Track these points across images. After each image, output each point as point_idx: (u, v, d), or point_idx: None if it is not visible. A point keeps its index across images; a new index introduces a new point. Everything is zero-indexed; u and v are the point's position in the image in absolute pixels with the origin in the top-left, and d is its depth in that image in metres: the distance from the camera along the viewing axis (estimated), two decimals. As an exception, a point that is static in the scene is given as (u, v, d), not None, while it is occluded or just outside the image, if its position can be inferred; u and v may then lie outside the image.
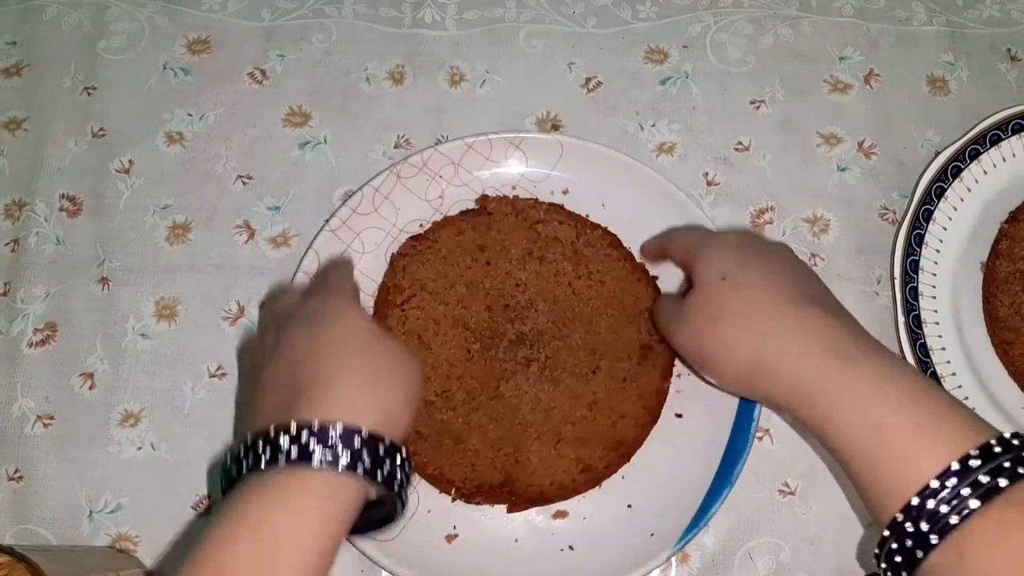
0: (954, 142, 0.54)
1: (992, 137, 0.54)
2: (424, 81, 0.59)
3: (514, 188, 0.54)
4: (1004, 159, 0.54)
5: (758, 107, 0.58)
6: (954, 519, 0.32)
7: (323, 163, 0.56)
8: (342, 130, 0.57)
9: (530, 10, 0.61)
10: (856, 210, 0.56)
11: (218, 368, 0.52)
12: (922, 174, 0.54)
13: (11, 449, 0.50)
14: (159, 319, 0.53)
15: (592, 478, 0.48)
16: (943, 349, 0.51)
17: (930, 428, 0.35)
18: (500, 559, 0.47)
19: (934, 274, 0.52)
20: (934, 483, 0.33)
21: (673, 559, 0.48)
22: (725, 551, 0.49)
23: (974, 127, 0.54)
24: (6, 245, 0.54)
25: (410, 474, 0.38)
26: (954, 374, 0.51)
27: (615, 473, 0.48)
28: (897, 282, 0.52)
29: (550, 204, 0.53)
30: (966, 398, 0.50)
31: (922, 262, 0.52)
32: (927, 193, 0.53)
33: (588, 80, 0.59)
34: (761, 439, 0.50)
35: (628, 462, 0.48)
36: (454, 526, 0.48)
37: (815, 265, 0.54)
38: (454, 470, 0.47)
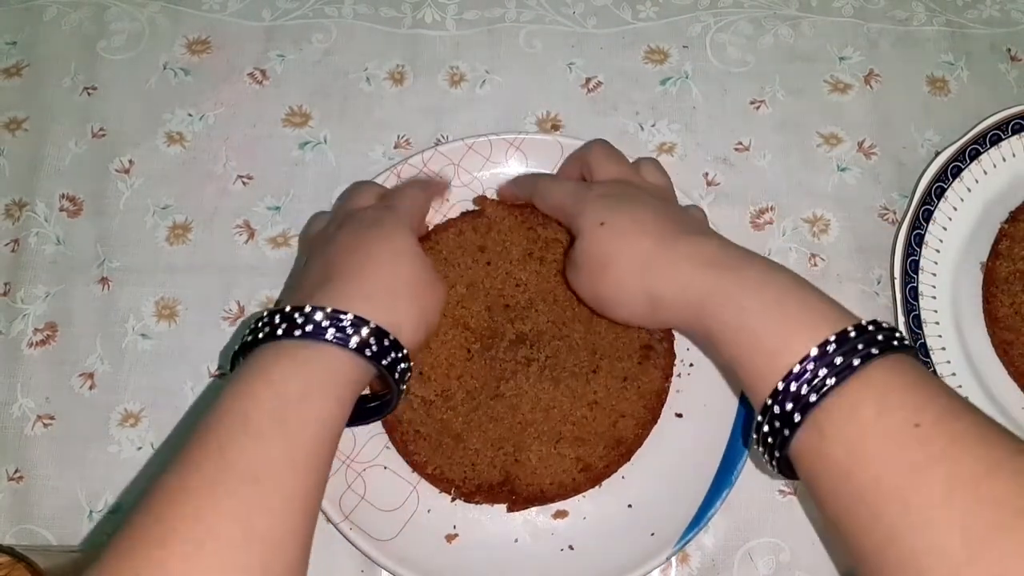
0: (954, 142, 0.54)
1: (992, 137, 0.54)
2: (424, 81, 0.59)
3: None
4: (1004, 159, 0.54)
5: (758, 107, 0.58)
6: (813, 397, 0.35)
7: (323, 163, 0.56)
8: (342, 130, 0.57)
9: (530, 10, 0.61)
10: (856, 210, 0.56)
11: (218, 368, 0.52)
12: (922, 174, 0.54)
13: (11, 449, 0.50)
14: (159, 319, 0.53)
15: (592, 478, 0.48)
16: (943, 349, 0.51)
17: (796, 320, 0.38)
18: (500, 559, 0.47)
19: (934, 274, 0.52)
20: (796, 367, 0.36)
21: (673, 559, 0.48)
22: (725, 551, 0.49)
23: (974, 127, 0.54)
24: (6, 245, 0.55)
25: (408, 371, 0.42)
26: (954, 374, 0.51)
27: (615, 473, 0.48)
28: (897, 282, 0.52)
29: None
30: (966, 398, 0.50)
31: (922, 262, 0.52)
32: (927, 193, 0.53)
33: (588, 80, 0.59)
34: (761, 439, 0.50)
35: (628, 462, 0.48)
36: (454, 526, 0.48)
37: (815, 265, 0.54)
38: (454, 469, 0.47)
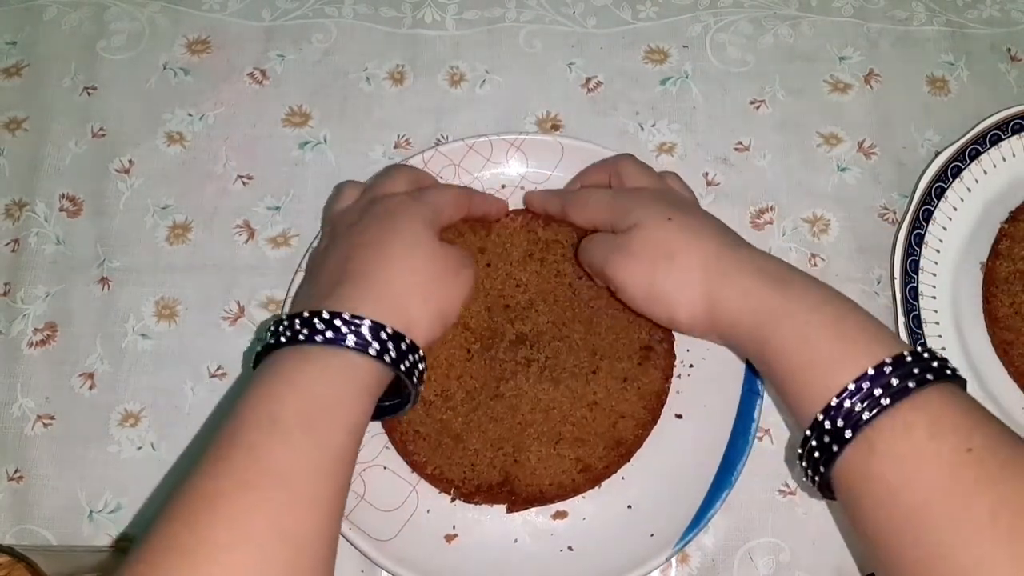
0: (954, 142, 0.54)
1: (992, 137, 0.54)
2: (424, 81, 0.59)
3: (521, 188, 0.54)
4: (1004, 159, 0.54)
5: (758, 107, 0.58)
6: (866, 415, 0.36)
7: (323, 163, 0.56)
8: (342, 130, 0.57)
9: (530, 10, 0.61)
10: (856, 210, 0.56)
11: (218, 368, 0.52)
12: (922, 174, 0.54)
13: (11, 449, 0.50)
14: (159, 319, 0.53)
15: (592, 478, 0.48)
16: (943, 349, 0.51)
17: (854, 340, 0.39)
18: (499, 559, 0.47)
19: (934, 274, 0.52)
20: (851, 385, 0.37)
21: (673, 559, 0.48)
22: (725, 551, 0.49)
23: (974, 127, 0.54)
24: (6, 245, 0.55)
25: (424, 372, 0.43)
26: (954, 374, 0.51)
27: (615, 473, 0.48)
28: (897, 282, 0.52)
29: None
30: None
31: (922, 262, 0.52)
32: (927, 193, 0.53)
33: (588, 80, 0.59)
34: (761, 439, 0.50)
35: (628, 462, 0.48)
36: (453, 526, 0.48)
37: (815, 265, 0.54)
38: (453, 470, 0.47)
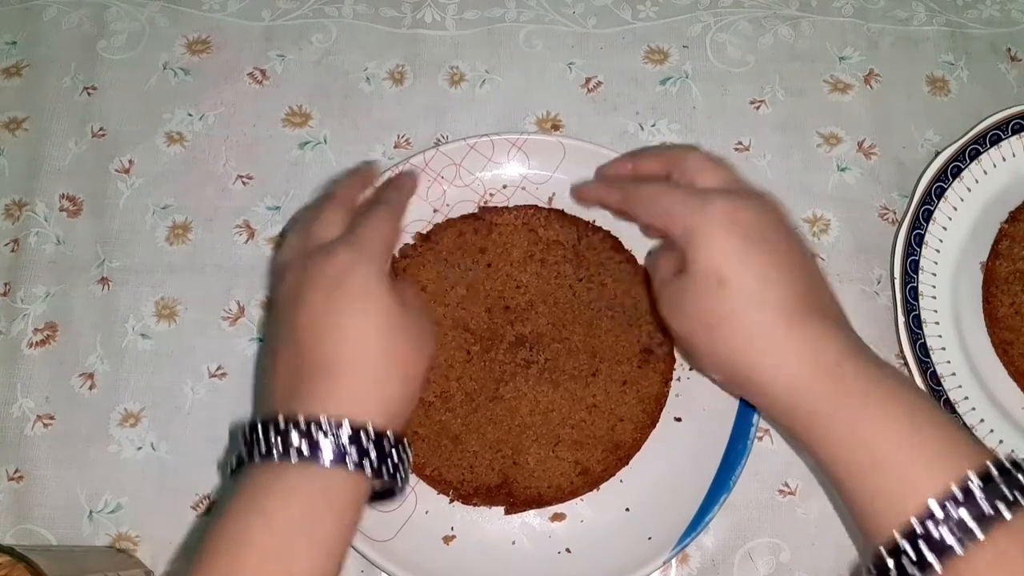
0: (954, 142, 0.54)
1: (992, 137, 0.54)
2: (424, 81, 0.59)
3: (522, 188, 0.54)
4: (1004, 159, 0.54)
5: (758, 107, 0.58)
6: (957, 547, 0.32)
7: (323, 163, 0.56)
8: (342, 130, 0.57)
9: (530, 10, 0.61)
10: (856, 210, 0.56)
11: (218, 368, 0.52)
12: (922, 174, 0.54)
13: (11, 449, 0.50)
14: (159, 319, 0.53)
15: (590, 481, 0.48)
16: (943, 349, 0.51)
17: (931, 449, 0.35)
18: (498, 561, 0.47)
19: (934, 274, 0.52)
20: (935, 507, 0.33)
21: (673, 559, 0.48)
22: (725, 551, 0.49)
23: (974, 127, 0.54)
24: (6, 245, 0.54)
25: (410, 458, 0.39)
26: (954, 374, 0.51)
27: (613, 476, 0.48)
28: (897, 282, 0.52)
29: (551, 210, 0.53)
30: (966, 398, 0.50)
31: (922, 262, 0.52)
32: (927, 193, 0.53)
33: (588, 80, 0.59)
34: (761, 439, 0.50)
35: (626, 465, 0.48)
36: (452, 527, 0.48)
37: (815, 265, 0.54)
38: (452, 471, 0.47)
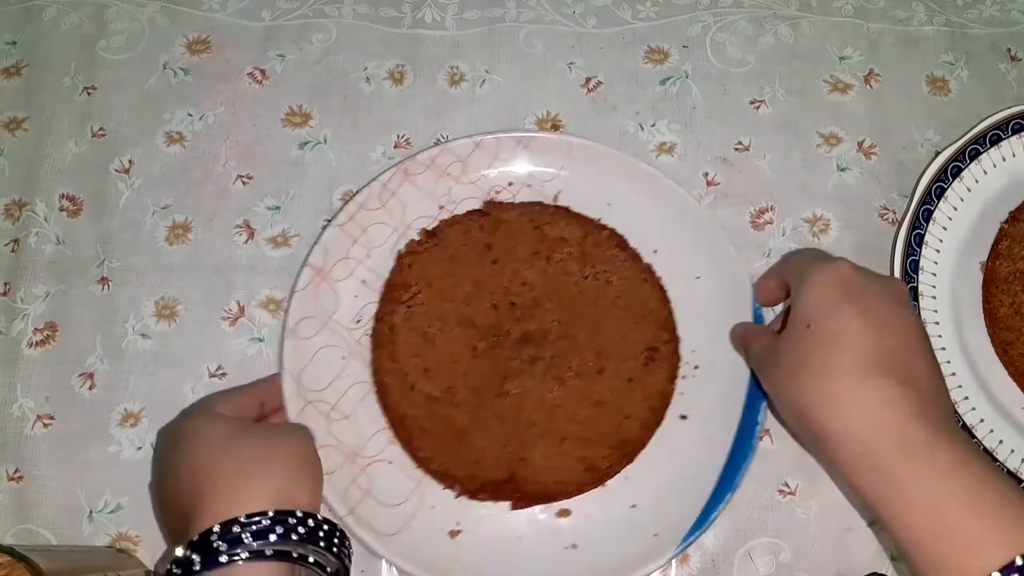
0: (954, 142, 0.54)
1: (992, 137, 0.54)
2: (424, 81, 0.59)
3: (528, 186, 0.54)
4: (1004, 159, 0.54)
5: (758, 107, 0.58)
6: None
7: (323, 163, 0.56)
8: (342, 130, 0.57)
9: (530, 10, 0.61)
10: (856, 210, 0.56)
11: (218, 368, 0.52)
12: (922, 174, 0.54)
13: (11, 449, 0.50)
14: (159, 319, 0.53)
15: (596, 477, 0.48)
16: (943, 349, 0.51)
17: (994, 516, 0.35)
18: (503, 556, 0.47)
19: (934, 274, 0.52)
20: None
21: (673, 559, 0.48)
22: (725, 551, 0.49)
23: (974, 127, 0.54)
24: (6, 245, 0.54)
25: (334, 530, 0.40)
26: (954, 374, 0.51)
27: (619, 473, 0.48)
28: (897, 282, 0.52)
29: (556, 207, 0.53)
30: (966, 398, 0.50)
31: (922, 262, 0.52)
32: (927, 193, 0.53)
33: (588, 80, 0.59)
34: (761, 439, 0.50)
35: (632, 462, 0.48)
36: (457, 522, 0.48)
37: (815, 265, 0.54)
38: (458, 466, 0.48)
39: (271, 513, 0.38)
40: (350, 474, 0.47)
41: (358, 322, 0.51)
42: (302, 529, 0.38)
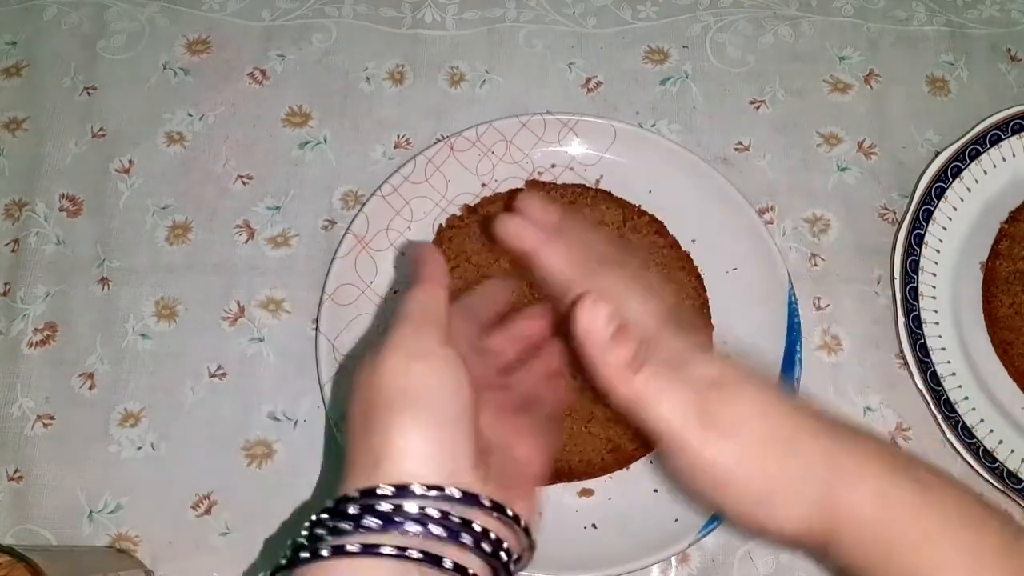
0: (954, 142, 0.54)
1: (992, 137, 0.54)
2: (424, 81, 0.59)
3: (570, 168, 0.54)
4: (1004, 159, 0.54)
5: (758, 107, 0.58)
6: None
7: (323, 163, 0.56)
8: (342, 130, 0.57)
9: (530, 10, 0.61)
10: (856, 210, 0.56)
11: (218, 368, 0.52)
12: (922, 174, 0.54)
13: (11, 449, 0.50)
14: (159, 319, 0.53)
15: (621, 459, 0.48)
16: (943, 349, 0.51)
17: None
18: None
19: (934, 274, 0.52)
20: None
21: (673, 559, 0.48)
22: (725, 551, 0.49)
23: (974, 127, 0.54)
24: (6, 245, 0.54)
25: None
26: (954, 374, 0.51)
27: (644, 457, 0.49)
28: (897, 282, 0.52)
29: (598, 190, 0.54)
30: (966, 398, 0.50)
31: (922, 262, 0.52)
32: (927, 193, 0.53)
33: (588, 80, 0.59)
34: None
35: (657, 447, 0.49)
36: None
37: (815, 265, 0.54)
38: None
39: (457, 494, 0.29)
40: None
41: (395, 292, 0.52)
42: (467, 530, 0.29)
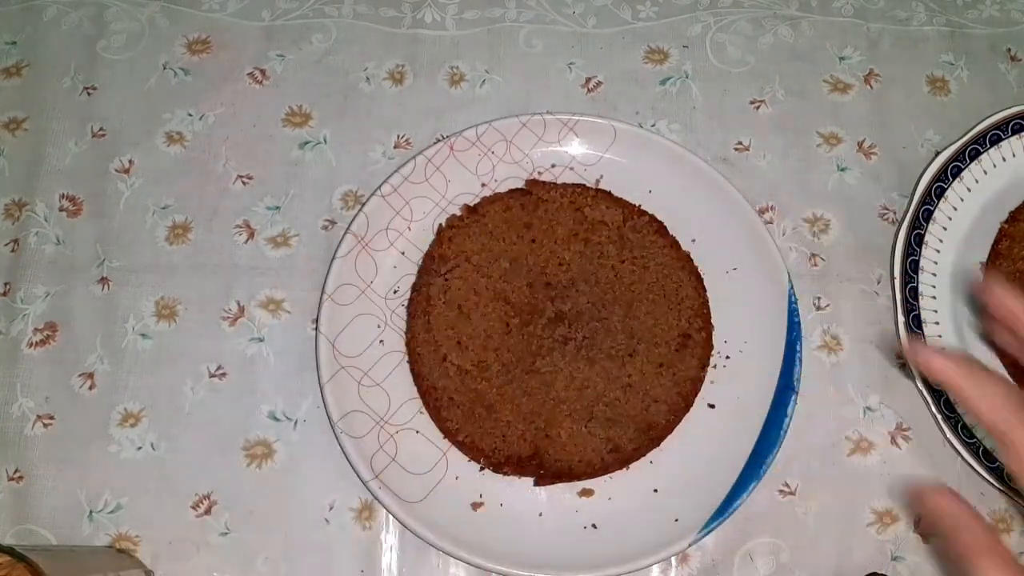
0: (954, 142, 0.54)
1: (992, 137, 0.54)
2: (424, 81, 0.59)
3: (570, 168, 0.54)
4: (1004, 159, 0.54)
5: (758, 107, 0.58)
6: None
7: (323, 163, 0.56)
8: (342, 130, 0.57)
9: (530, 10, 0.61)
10: (856, 210, 0.56)
11: (218, 368, 0.52)
12: (922, 174, 0.54)
13: (11, 449, 0.50)
14: (159, 319, 0.53)
15: (620, 459, 0.49)
16: (943, 350, 0.51)
17: None
18: (523, 530, 0.48)
19: (934, 274, 0.52)
20: None
21: (673, 559, 0.48)
22: (725, 551, 0.49)
23: (974, 127, 0.54)
24: (6, 245, 0.54)
25: None
26: (954, 374, 0.50)
27: (644, 457, 0.49)
28: (897, 282, 0.52)
29: (598, 190, 0.54)
30: (966, 398, 0.50)
31: (922, 262, 0.52)
32: (927, 193, 0.53)
33: (588, 80, 0.59)
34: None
35: (658, 447, 0.49)
36: (480, 494, 0.48)
37: (815, 265, 0.54)
38: (484, 439, 0.48)
39: None
40: (378, 440, 0.48)
41: (395, 292, 0.52)
42: None
